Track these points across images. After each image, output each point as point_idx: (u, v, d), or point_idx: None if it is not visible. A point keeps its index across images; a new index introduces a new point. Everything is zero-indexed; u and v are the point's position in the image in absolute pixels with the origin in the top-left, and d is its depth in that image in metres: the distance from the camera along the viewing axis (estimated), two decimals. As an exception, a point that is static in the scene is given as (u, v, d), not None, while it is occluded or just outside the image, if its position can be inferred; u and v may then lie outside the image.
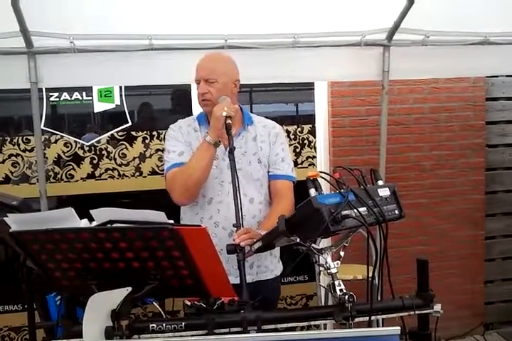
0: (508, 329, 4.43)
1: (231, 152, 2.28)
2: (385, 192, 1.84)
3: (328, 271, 1.79)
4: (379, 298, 1.95)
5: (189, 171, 2.39)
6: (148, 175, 3.95)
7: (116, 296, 1.66)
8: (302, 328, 2.37)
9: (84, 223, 1.73)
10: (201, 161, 2.38)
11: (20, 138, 3.76)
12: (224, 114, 2.31)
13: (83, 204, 1.77)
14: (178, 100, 4.10)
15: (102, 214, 1.69)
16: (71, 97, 3.77)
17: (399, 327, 1.57)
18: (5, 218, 1.73)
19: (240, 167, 2.47)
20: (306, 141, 4.19)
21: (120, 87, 3.82)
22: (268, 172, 2.61)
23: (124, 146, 3.91)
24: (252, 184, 2.57)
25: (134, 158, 3.93)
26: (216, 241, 2.18)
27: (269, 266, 2.63)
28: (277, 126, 2.69)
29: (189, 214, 2.60)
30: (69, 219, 1.70)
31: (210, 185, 2.52)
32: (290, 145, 4.09)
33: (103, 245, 1.67)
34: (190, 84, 3.79)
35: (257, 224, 2.50)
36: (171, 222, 1.66)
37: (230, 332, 1.76)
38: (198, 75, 2.52)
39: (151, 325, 1.75)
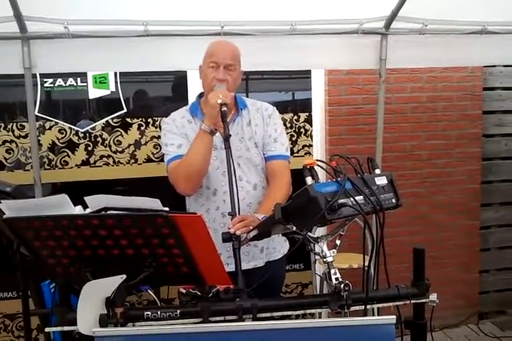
0: (502, 318, 4.45)
1: (226, 139, 2.27)
2: (382, 180, 1.83)
3: (324, 259, 1.78)
4: (374, 287, 1.94)
5: (189, 161, 2.38)
6: (144, 162, 3.93)
7: (110, 284, 1.66)
8: (297, 316, 2.37)
9: (78, 210, 1.72)
10: (199, 150, 2.37)
11: (15, 124, 3.73)
12: (219, 101, 2.29)
13: (77, 191, 1.76)
14: (174, 87, 4.07)
15: (96, 201, 1.67)
16: (65, 83, 3.74)
17: (394, 316, 1.57)
18: (-2, 204, 1.71)
19: (239, 154, 2.49)
20: (302, 130, 4.17)
21: (115, 74, 3.79)
22: (263, 154, 2.61)
23: (119, 133, 3.89)
24: (254, 170, 2.57)
25: (129, 145, 3.91)
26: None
27: (277, 246, 2.67)
28: (270, 108, 2.67)
29: (194, 206, 2.60)
30: (63, 205, 1.68)
31: (212, 176, 2.52)
32: (286, 133, 4.06)
33: (97, 232, 1.66)
34: (186, 71, 3.77)
35: None
36: (166, 209, 1.65)
37: (225, 320, 1.76)
38: (217, 58, 2.47)
39: (145, 313, 1.75)
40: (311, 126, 4.18)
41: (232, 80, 2.48)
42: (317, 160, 1.79)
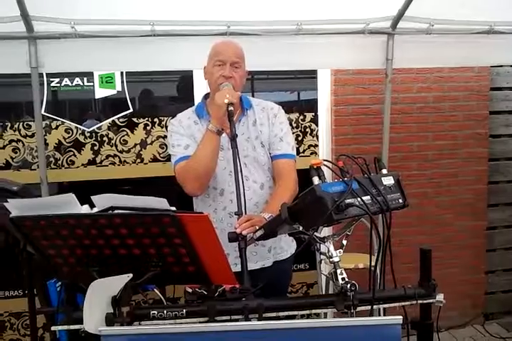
0: (507, 319, 4.44)
1: (233, 139, 2.27)
2: (389, 180, 1.82)
3: (331, 259, 1.78)
4: (381, 287, 1.93)
5: (196, 161, 2.39)
6: (150, 161, 3.93)
7: (117, 283, 1.66)
8: (302, 316, 2.37)
9: (85, 209, 1.72)
10: (207, 150, 2.37)
11: (21, 123, 3.73)
12: (226, 101, 2.29)
13: (84, 191, 1.76)
14: (180, 87, 4.07)
15: (103, 201, 1.67)
16: (72, 83, 3.75)
17: (401, 317, 1.56)
18: (5, 203, 1.72)
19: (246, 154, 2.50)
20: (308, 130, 4.17)
21: (121, 73, 3.79)
22: (269, 154, 2.60)
23: (125, 133, 3.89)
24: (260, 169, 2.58)
25: (135, 144, 3.91)
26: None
27: (284, 246, 2.67)
28: (275, 107, 2.67)
29: (202, 207, 2.60)
30: (70, 205, 1.68)
31: (219, 176, 2.52)
32: (292, 133, 4.06)
33: (104, 231, 1.66)
34: (192, 71, 3.77)
35: None
36: (173, 208, 1.65)
37: (231, 320, 1.76)
38: (223, 57, 2.47)
39: (151, 312, 1.75)
40: (317, 126, 4.17)
41: (238, 77, 2.48)
42: (324, 160, 1.79)
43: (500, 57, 3.64)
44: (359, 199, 1.71)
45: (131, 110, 3.87)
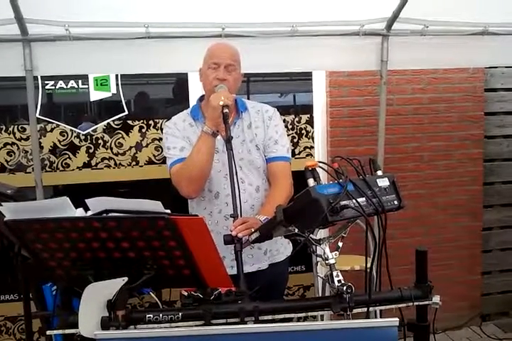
0: (504, 320, 4.44)
1: (228, 141, 2.27)
2: (384, 182, 1.82)
3: (327, 261, 1.78)
4: (377, 289, 1.93)
5: (192, 163, 2.38)
6: (145, 164, 3.92)
7: (112, 286, 1.65)
8: (299, 319, 2.36)
9: (79, 212, 1.71)
10: (202, 152, 2.37)
11: (16, 126, 3.73)
12: (221, 103, 2.29)
13: (79, 194, 1.76)
14: (175, 89, 4.07)
15: (97, 204, 1.67)
16: (67, 86, 3.74)
17: (397, 319, 1.56)
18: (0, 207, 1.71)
19: (241, 156, 2.50)
20: (303, 131, 4.17)
21: (116, 76, 3.79)
22: (264, 156, 2.60)
23: (120, 135, 3.88)
24: (256, 172, 2.57)
25: (131, 147, 3.90)
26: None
27: (280, 248, 2.66)
28: (270, 109, 2.67)
29: (197, 209, 2.60)
30: (64, 208, 1.68)
31: (214, 179, 2.52)
32: (287, 135, 4.06)
33: (98, 234, 1.66)
34: (187, 73, 3.77)
35: None
36: (168, 211, 1.65)
37: (227, 323, 1.75)
38: (218, 59, 2.48)
39: (147, 316, 1.74)
40: (313, 128, 4.17)
41: (232, 80, 2.48)
42: (319, 162, 1.78)
43: (495, 58, 3.65)
44: (354, 201, 1.71)
45: (126, 112, 3.87)
